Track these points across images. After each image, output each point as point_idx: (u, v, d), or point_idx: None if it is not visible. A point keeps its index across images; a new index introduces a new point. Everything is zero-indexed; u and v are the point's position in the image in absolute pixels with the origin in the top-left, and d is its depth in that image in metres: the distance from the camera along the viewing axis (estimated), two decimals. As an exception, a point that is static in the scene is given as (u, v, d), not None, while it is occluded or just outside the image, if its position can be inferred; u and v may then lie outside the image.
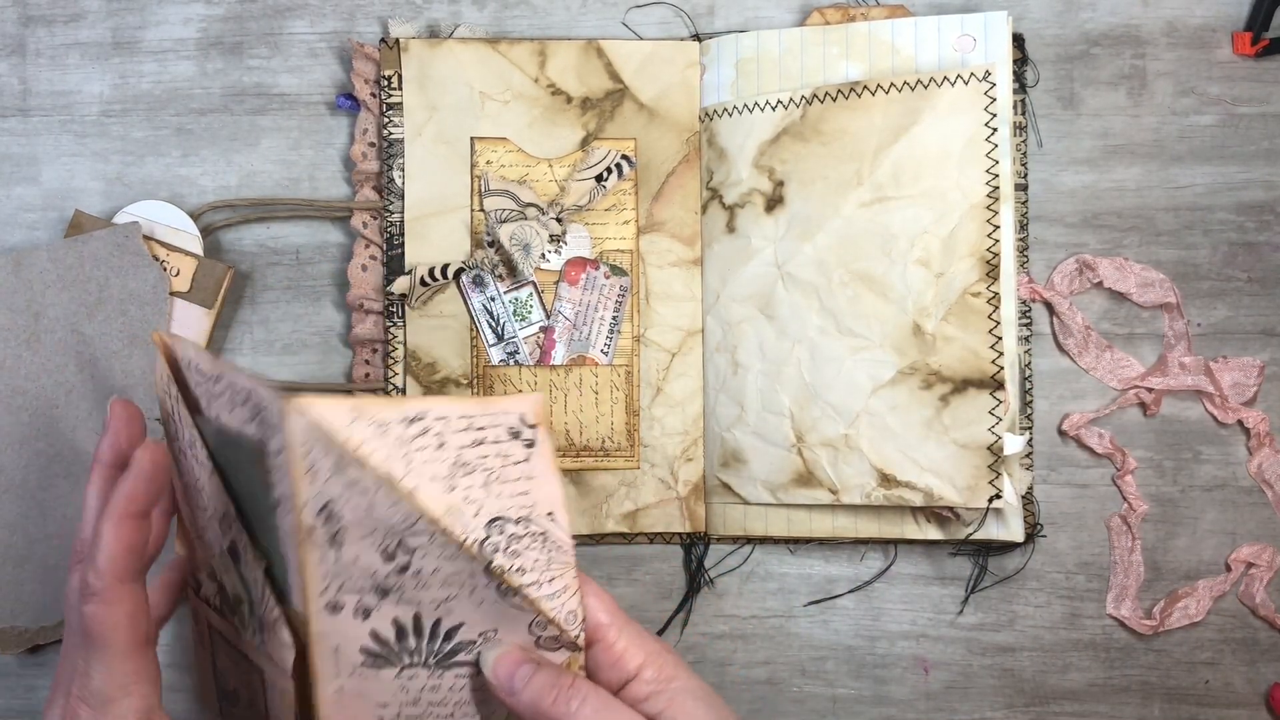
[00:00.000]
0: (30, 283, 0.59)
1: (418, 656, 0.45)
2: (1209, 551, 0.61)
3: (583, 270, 0.61)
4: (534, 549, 0.45)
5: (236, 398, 0.43)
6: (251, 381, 0.42)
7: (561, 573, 0.44)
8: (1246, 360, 0.61)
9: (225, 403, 0.44)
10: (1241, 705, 0.61)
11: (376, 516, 0.42)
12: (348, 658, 0.44)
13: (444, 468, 0.44)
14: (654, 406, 0.61)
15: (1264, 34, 0.61)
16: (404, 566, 0.43)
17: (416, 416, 0.43)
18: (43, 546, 0.59)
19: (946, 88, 0.58)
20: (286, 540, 0.42)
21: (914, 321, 0.58)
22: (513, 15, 0.63)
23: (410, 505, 0.42)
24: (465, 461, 0.44)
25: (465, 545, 0.42)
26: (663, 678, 0.43)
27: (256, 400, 0.42)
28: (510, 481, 0.45)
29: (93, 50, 0.63)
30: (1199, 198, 0.62)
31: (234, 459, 0.44)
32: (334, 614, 0.43)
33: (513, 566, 0.44)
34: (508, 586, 0.44)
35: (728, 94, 0.61)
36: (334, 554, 0.42)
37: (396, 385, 0.61)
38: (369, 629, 0.43)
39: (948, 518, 0.59)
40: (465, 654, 0.45)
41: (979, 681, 0.62)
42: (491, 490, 0.44)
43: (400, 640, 0.44)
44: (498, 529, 0.44)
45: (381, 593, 0.43)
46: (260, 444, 0.42)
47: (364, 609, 0.43)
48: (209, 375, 0.44)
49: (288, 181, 0.63)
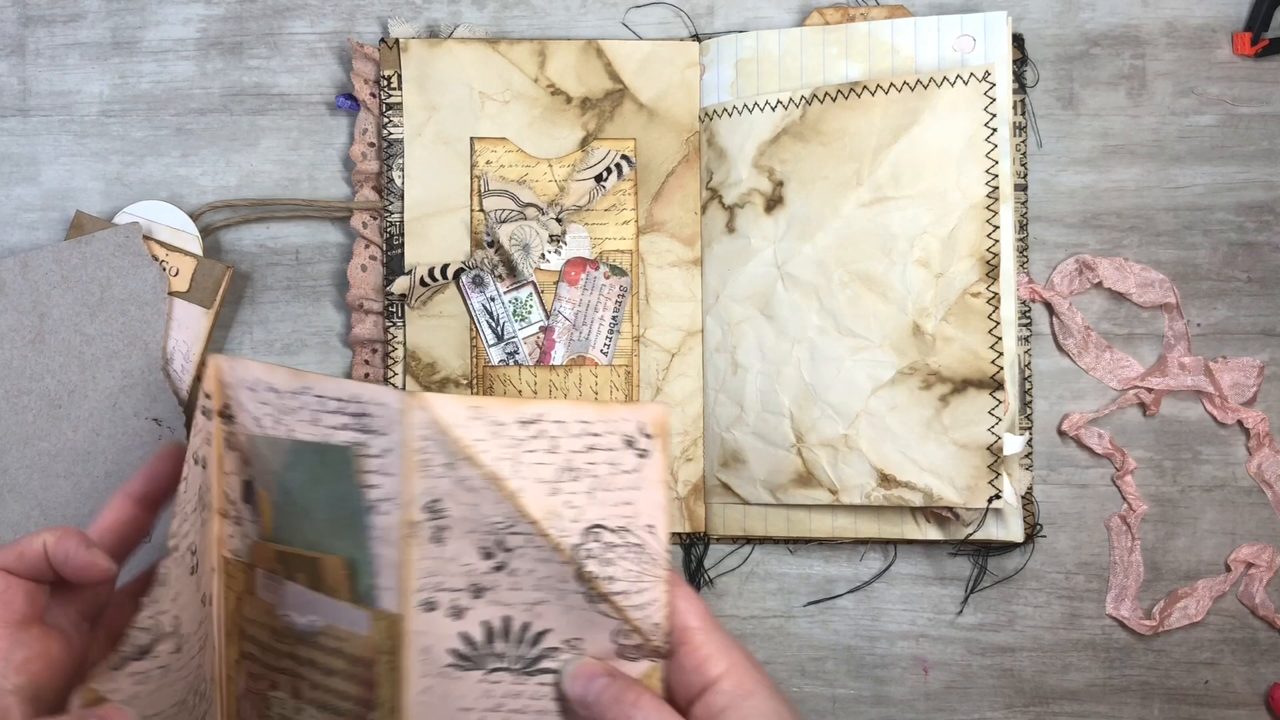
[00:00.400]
0: (36, 284, 0.59)
1: (504, 661, 0.45)
2: (1209, 551, 0.61)
3: (583, 270, 0.61)
4: (628, 559, 0.46)
5: (325, 407, 0.45)
6: (355, 386, 0.44)
7: (652, 585, 0.45)
8: (1246, 360, 0.61)
9: (305, 416, 0.45)
10: (1241, 705, 0.61)
11: (480, 515, 0.43)
12: (436, 658, 0.44)
13: (551, 471, 0.45)
14: (654, 406, 0.61)
15: (1264, 34, 0.61)
16: (500, 565, 0.44)
17: (533, 419, 0.45)
18: (43, 546, 0.59)
19: (946, 88, 0.58)
20: (381, 540, 0.44)
21: (914, 322, 0.58)
22: (513, 15, 0.63)
23: (513, 505, 0.43)
24: (573, 467, 0.45)
25: (560, 548, 0.44)
26: (740, 692, 0.42)
27: (358, 404, 0.44)
28: (615, 490, 0.46)
29: (93, 50, 0.63)
30: (1199, 198, 0.62)
31: (310, 471, 0.45)
32: (428, 612, 0.44)
33: (604, 574, 0.45)
34: (597, 593, 0.45)
35: (727, 94, 0.61)
36: (436, 550, 0.43)
37: (396, 385, 0.61)
38: (459, 630, 0.44)
39: (947, 518, 0.59)
40: (549, 661, 0.45)
41: (979, 681, 0.62)
42: (595, 498, 0.46)
43: (489, 643, 0.45)
44: (594, 536, 0.45)
45: (476, 592, 0.44)
46: (356, 447, 0.44)
47: (457, 608, 0.44)
48: (286, 391, 0.45)
49: (287, 181, 0.63)
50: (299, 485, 0.46)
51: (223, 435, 0.47)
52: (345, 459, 0.44)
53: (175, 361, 0.60)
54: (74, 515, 0.59)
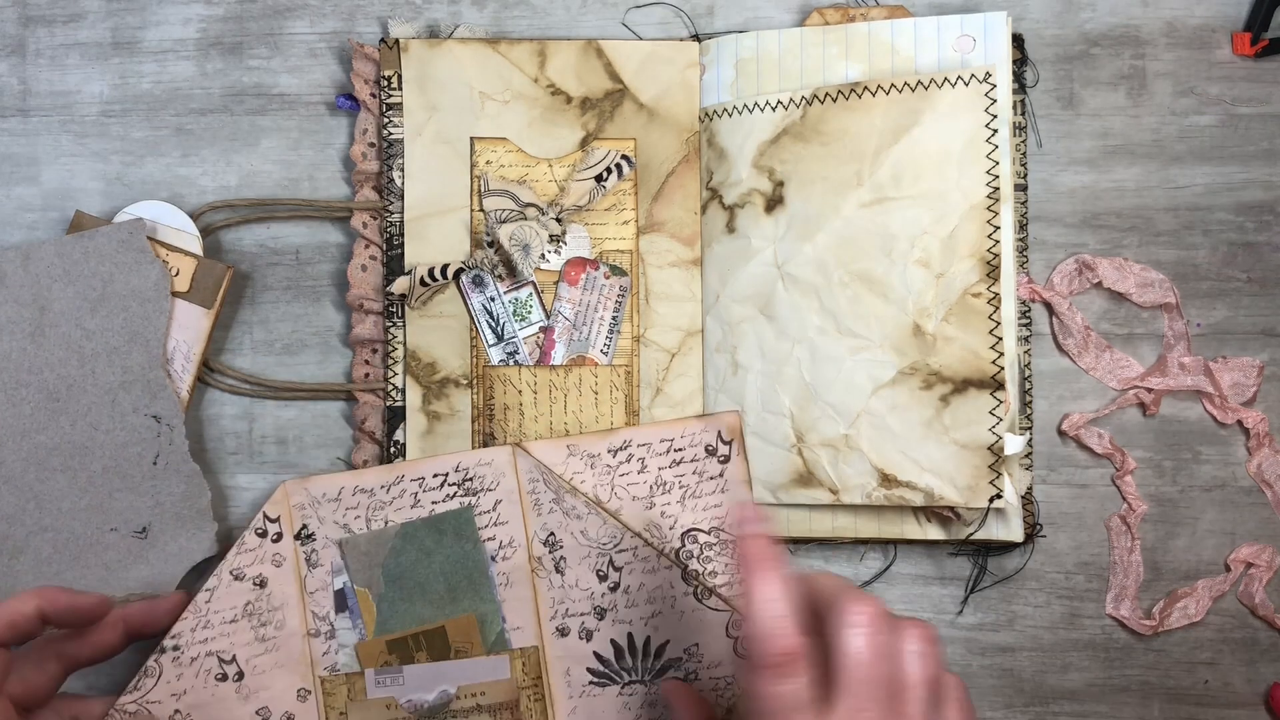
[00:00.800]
0: (38, 277, 0.59)
1: (635, 674, 0.51)
2: (1208, 551, 0.61)
3: (582, 270, 0.61)
4: (724, 555, 0.52)
5: (424, 486, 0.52)
6: (454, 457, 0.52)
7: None
8: (1246, 360, 0.61)
9: (405, 501, 0.52)
10: (1241, 705, 0.61)
11: (590, 539, 0.50)
12: (577, 678, 0.50)
13: (644, 489, 0.52)
14: (654, 407, 0.61)
15: (1263, 34, 0.61)
16: (615, 585, 0.50)
17: (621, 445, 0.53)
18: (39, 539, 0.59)
19: (946, 88, 0.58)
20: (506, 585, 0.50)
21: (914, 322, 0.58)
22: (513, 15, 0.63)
23: (616, 524, 0.49)
24: (664, 481, 0.52)
25: (663, 555, 0.50)
26: None
27: (461, 472, 0.51)
28: (704, 495, 0.53)
29: (93, 50, 0.63)
30: (1198, 198, 0.62)
31: (421, 547, 0.51)
32: (563, 638, 0.50)
33: (707, 570, 0.51)
34: (703, 589, 0.51)
35: (727, 94, 0.61)
36: (559, 579, 0.50)
37: (396, 385, 0.61)
38: (592, 650, 0.50)
39: (948, 518, 0.59)
40: (675, 671, 0.51)
41: (979, 681, 0.62)
42: (686, 505, 0.52)
43: (619, 659, 0.50)
44: (691, 539, 0.52)
45: (599, 614, 0.50)
46: (467, 510, 0.51)
47: (586, 631, 0.50)
48: (378, 486, 0.53)
49: (288, 181, 0.63)
50: (410, 565, 0.51)
51: (302, 556, 0.52)
52: (462, 522, 0.51)
53: (175, 362, 0.60)
54: (69, 509, 0.59)
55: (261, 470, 0.62)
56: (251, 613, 0.52)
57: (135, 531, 0.59)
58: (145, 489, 0.59)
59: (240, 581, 0.51)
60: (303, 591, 0.52)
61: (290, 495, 0.52)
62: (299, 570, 0.52)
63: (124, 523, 0.59)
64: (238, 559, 0.51)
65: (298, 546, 0.52)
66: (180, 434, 0.59)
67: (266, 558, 0.51)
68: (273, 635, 0.52)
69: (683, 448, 0.54)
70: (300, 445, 0.62)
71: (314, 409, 0.62)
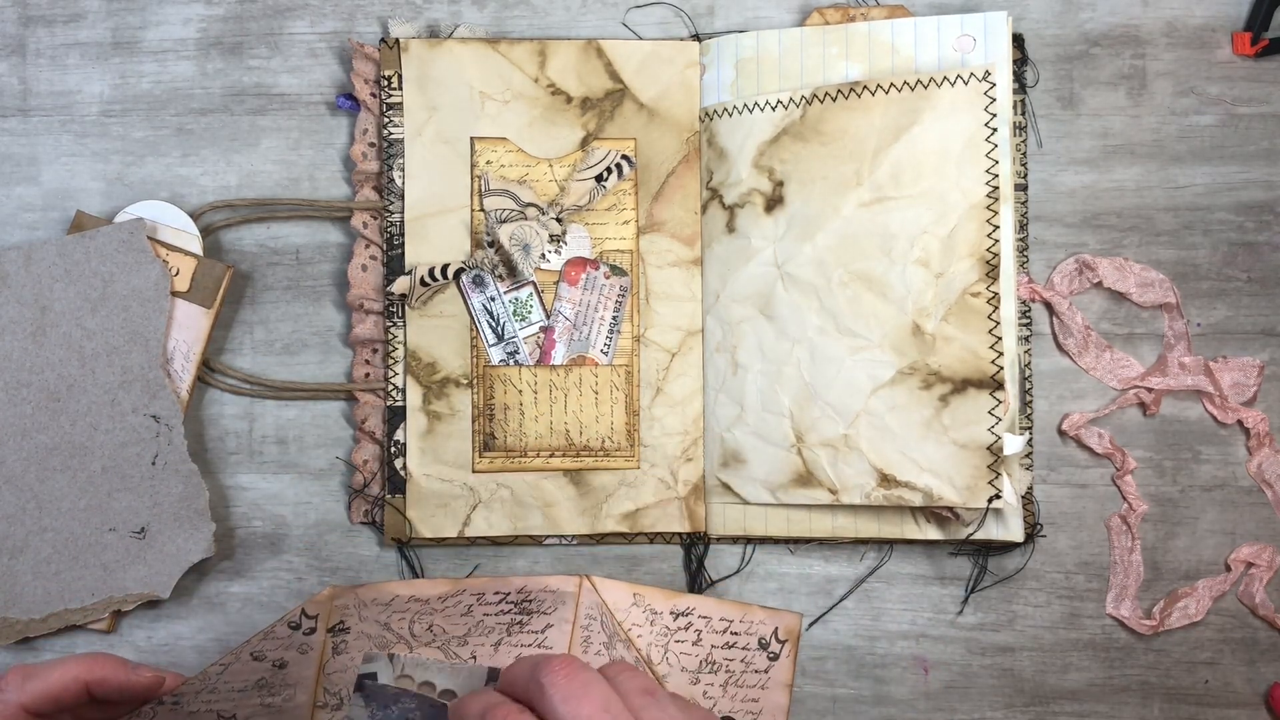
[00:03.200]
0: (39, 277, 0.59)
1: None
2: (1209, 551, 0.61)
3: (583, 270, 0.61)
4: None
5: (485, 600, 0.52)
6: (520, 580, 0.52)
7: None
8: (1246, 360, 0.61)
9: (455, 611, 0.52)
10: (1241, 705, 0.61)
11: None
12: None
13: (694, 662, 0.53)
14: (654, 406, 0.61)
15: (1264, 34, 0.61)
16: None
17: (684, 611, 0.54)
18: (38, 539, 0.59)
19: (946, 88, 0.58)
20: None
21: (914, 321, 0.58)
22: (513, 15, 0.63)
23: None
24: (713, 660, 0.53)
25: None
26: None
27: (525, 594, 0.51)
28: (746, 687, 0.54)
29: (93, 50, 0.63)
30: (1199, 198, 0.62)
31: None
32: None
33: None
34: None
35: (728, 94, 0.61)
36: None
37: (396, 385, 0.61)
38: None
39: (947, 518, 0.59)
40: None
41: (979, 681, 0.62)
42: (728, 691, 0.53)
43: None
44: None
45: None
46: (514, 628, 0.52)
47: None
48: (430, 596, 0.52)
49: (288, 181, 0.63)
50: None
51: (330, 646, 0.53)
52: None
53: (175, 361, 0.60)
54: (69, 509, 0.59)
55: (261, 470, 0.62)
56: (263, 685, 0.51)
57: (133, 532, 0.59)
58: (144, 489, 0.59)
59: (259, 662, 0.50)
60: (320, 673, 0.52)
61: (335, 597, 0.51)
62: (323, 656, 0.52)
63: (122, 523, 0.59)
64: (262, 644, 0.50)
65: (329, 638, 0.52)
66: (179, 434, 0.59)
67: (293, 646, 0.51)
68: (280, 705, 0.52)
69: (739, 633, 0.55)
70: (300, 445, 0.62)
71: (314, 409, 0.62)
